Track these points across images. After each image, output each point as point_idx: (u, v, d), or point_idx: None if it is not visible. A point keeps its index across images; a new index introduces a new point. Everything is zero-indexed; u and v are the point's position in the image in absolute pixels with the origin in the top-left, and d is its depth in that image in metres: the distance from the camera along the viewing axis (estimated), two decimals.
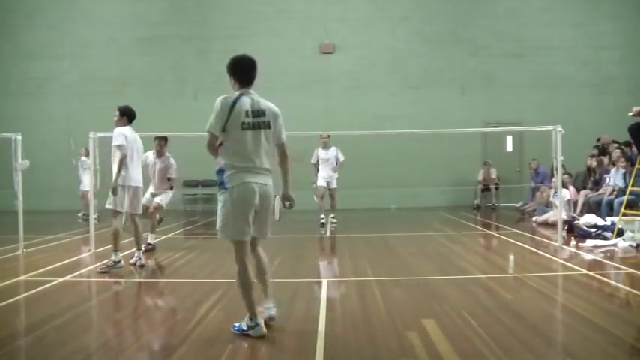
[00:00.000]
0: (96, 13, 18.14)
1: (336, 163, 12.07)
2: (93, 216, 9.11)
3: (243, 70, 4.72)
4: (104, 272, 7.00)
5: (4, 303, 5.57)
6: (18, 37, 17.98)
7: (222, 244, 10.19)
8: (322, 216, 12.00)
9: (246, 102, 4.52)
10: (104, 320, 5.21)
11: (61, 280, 6.66)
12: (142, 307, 5.77)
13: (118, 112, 7.51)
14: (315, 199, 11.89)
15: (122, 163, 7.22)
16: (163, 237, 10.53)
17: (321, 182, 11.95)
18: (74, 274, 7.12)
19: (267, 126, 4.54)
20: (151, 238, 8.94)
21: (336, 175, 12.11)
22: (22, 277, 6.86)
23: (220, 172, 4.45)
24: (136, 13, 18.05)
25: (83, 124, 13.72)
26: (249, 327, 4.43)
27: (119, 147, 7.24)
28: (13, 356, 4.19)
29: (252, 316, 4.43)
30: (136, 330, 4.88)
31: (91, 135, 8.95)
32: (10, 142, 8.76)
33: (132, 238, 7.68)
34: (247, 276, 4.51)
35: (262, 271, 4.75)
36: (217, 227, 4.52)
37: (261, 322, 4.45)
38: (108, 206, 7.36)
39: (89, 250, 8.72)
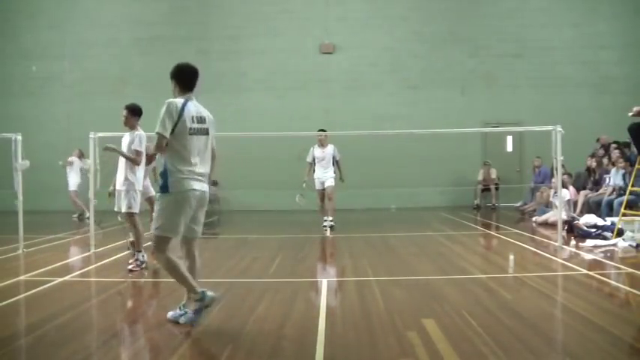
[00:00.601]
0: (96, 14, 18.14)
1: (334, 163, 11.60)
2: (88, 215, 9.12)
3: (188, 78, 4.92)
4: (134, 271, 7.13)
5: (4, 303, 5.57)
6: (19, 38, 17.99)
7: (222, 244, 10.23)
8: (324, 218, 11.58)
9: (191, 108, 4.73)
10: (104, 320, 5.21)
11: (61, 280, 6.66)
12: (141, 307, 5.77)
13: (126, 111, 7.20)
14: (297, 199, 11.63)
15: (140, 167, 7.33)
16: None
17: (317, 185, 11.56)
18: (74, 274, 7.13)
19: (207, 132, 4.81)
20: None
21: (331, 173, 11.52)
22: (22, 277, 6.86)
23: (164, 174, 4.63)
24: (136, 13, 18.05)
25: (83, 124, 13.75)
26: (199, 300, 4.61)
27: (141, 153, 7.19)
28: (13, 356, 4.19)
29: (194, 290, 4.64)
30: (135, 330, 4.88)
31: (91, 135, 8.95)
32: (10, 142, 8.76)
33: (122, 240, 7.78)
34: (173, 261, 4.70)
35: (193, 273, 4.86)
36: (154, 227, 4.73)
37: (207, 291, 4.67)
38: (124, 209, 7.30)
39: (89, 250, 8.72)
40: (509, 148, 18.09)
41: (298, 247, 9.64)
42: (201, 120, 4.75)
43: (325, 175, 11.49)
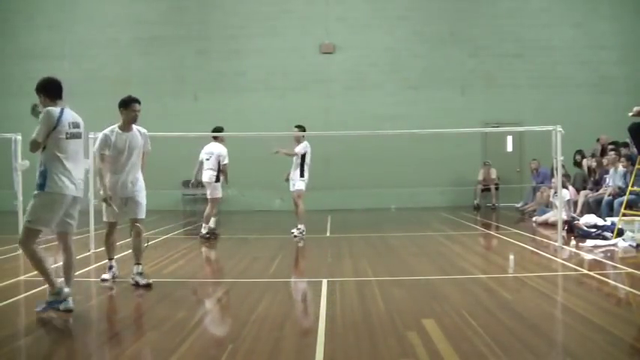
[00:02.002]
0: (96, 14, 18.13)
1: (303, 163, 10.44)
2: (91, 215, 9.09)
3: (55, 89, 5.35)
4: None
5: (4, 303, 5.57)
6: (18, 38, 17.99)
7: (222, 244, 10.22)
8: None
9: (67, 115, 5.22)
10: (104, 320, 5.21)
11: (61, 280, 6.64)
12: (141, 307, 5.77)
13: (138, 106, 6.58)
14: (277, 203, 11.09)
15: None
16: (163, 237, 10.53)
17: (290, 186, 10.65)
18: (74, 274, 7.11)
19: (81, 136, 5.34)
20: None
21: (297, 175, 10.47)
22: (22, 277, 6.86)
23: (43, 174, 5.03)
24: (136, 13, 18.04)
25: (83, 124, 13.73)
26: (55, 294, 5.06)
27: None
28: (13, 356, 4.19)
29: (52, 284, 5.09)
30: (135, 330, 4.88)
31: (91, 135, 8.94)
32: (10, 142, 8.77)
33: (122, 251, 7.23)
34: (38, 254, 5.11)
35: (70, 267, 5.35)
36: (26, 219, 5.08)
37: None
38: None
39: (89, 250, 8.72)
40: (509, 148, 18.09)
41: (298, 247, 9.64)
42: (75, 125, 5.26)
43: (293, 177, 10.57)
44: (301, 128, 10.57)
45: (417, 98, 17.42)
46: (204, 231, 10.32)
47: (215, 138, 10.50)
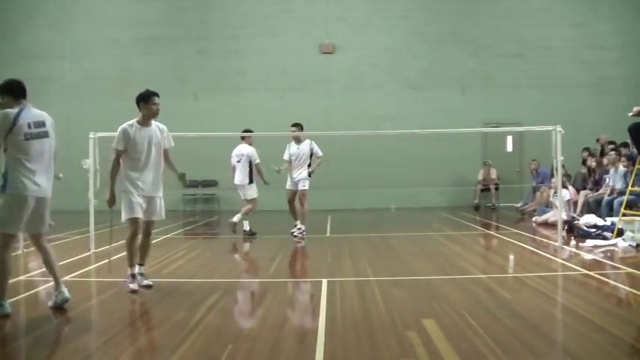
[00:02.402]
0: (96, 14, 18.14)
1: (310, 159, 10.40)
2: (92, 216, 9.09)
3: (17, 90, 5.33)
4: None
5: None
6: (19, 38, 17.99)
7: (222, 244, 10.21)
8: (295, 223, 10.46)
9: (26, 114, 5.13)
10: (104, 320, 5.21)
11: (60, 280, 6.64)
12: (141, 307, 5.76)
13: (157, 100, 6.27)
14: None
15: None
16: (163, 237, 10.53)
17: (288, 184, 10.57)
18: (74, 274, 7.12)
19: (47, 135, 5.23)
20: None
21: (305, 174, 10.35)
22: (22, 277, 6.86)
23: (4, 175, 5.02)
24: (136, 13, 18.05)
25: (83, 124, 13.72)
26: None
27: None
28: (13, 356, 4.19)
29: (2, 299, 5.03)
30: (135, 330, 4.88)
31: (91, 135, 8.96)
32: None
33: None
34: (5, 265, 5.06)
35: (52, 265, 5.32)
36: None
37: (6, 303, 5.05)
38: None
39: (89, 250, 8.72)
40: (509, 148, 18.10)
41: (298, 246, 9.64)
42: (39, 124, 5.17)
43: (299, 176, 10.39)
44: (299, 127, 10.50)
45: (417, 98, 17.42)
46: (247, 228, 10.65)
47: (243, 139, 10.66)
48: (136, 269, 6.14)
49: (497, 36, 17.81)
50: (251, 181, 10.52)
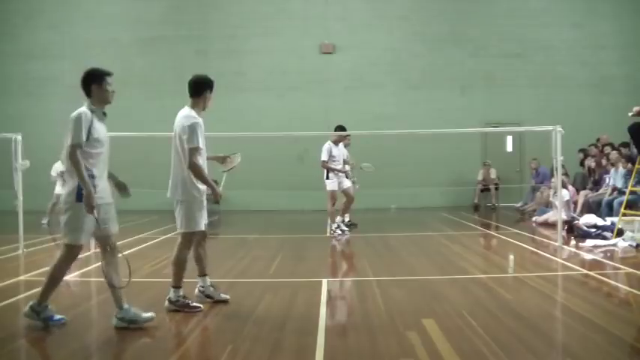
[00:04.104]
0: (96, 14, 18.13)
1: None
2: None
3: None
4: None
5: (4, 303, 5.57)
6: (19, 38, 17.99)
7: (222, 243, 10.21)
8: (344, 219, 11.26)
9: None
10: (104, 320, 5.20)
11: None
12: (141, 307, 5.76)
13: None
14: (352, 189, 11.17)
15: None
16: (163, 237, 10.54)
17: (336, 185, 10.97)
18: (74, 274, 7.12)
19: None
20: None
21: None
22: (22, 277, 6.86)
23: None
24: (136, 13, 18.04)
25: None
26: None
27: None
28: (13, 356, 4.19)
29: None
30: (136, 330, 4.88)
31: None
32: (10, 142, 8.76)
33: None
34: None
35: (116, 267, 4.95)
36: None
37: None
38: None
39: (89, 250, 8.72)
40: (509, 148, 18.10)
41: (298, 246, 9.64)
42: None
43: (342, 177, 11.05)
44: (342, 128, 11.05)
45: (417, 98, 17.42)
46: (334, 226, 10.79)
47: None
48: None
49: (498, 36, 17.80)
50: (327, 177, 10.85)
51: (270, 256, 8.37)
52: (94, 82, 5.21)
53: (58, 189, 13.49)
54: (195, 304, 5.31)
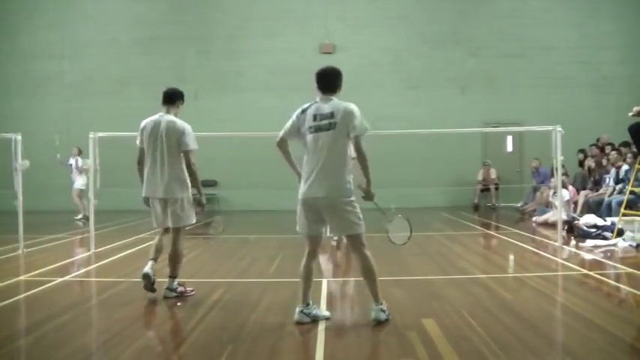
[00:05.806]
0: (96, 13, 18.14)
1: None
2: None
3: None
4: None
5: (4, 303, 5.57)
6: (18, 38, 17.99)
7: (222, 244, 10.20)
8: None
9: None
10: (104, 320, 5.20)
11: (61, 280, 6.66)
12: (141, 307, 5.76)
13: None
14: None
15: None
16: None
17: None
18: (74, 274, 7.12)
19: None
20: None
21: None
22: (22, 277, 6.86)
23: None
24: (136, 13, 18.05)
25: (83, 124, 13.73)
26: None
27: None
28: (13, 356, 4.19)
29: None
30: (135, 330, 4.88)
31: (91, 135, 8.95)
32: (10, 142, 8.75)
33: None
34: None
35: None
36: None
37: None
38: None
39: (89, 250, 8.72)
40: (509, 148, 18.09)
41: (299, 246, 9.62)
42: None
43: None
44: None
45: (417, 98, 17.42)
46: None
47: None
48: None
49: (498, 36, 17.80)
50: None
51: (270, 256, 8.37)
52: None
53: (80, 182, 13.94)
54: (189, 288, 5.83)
